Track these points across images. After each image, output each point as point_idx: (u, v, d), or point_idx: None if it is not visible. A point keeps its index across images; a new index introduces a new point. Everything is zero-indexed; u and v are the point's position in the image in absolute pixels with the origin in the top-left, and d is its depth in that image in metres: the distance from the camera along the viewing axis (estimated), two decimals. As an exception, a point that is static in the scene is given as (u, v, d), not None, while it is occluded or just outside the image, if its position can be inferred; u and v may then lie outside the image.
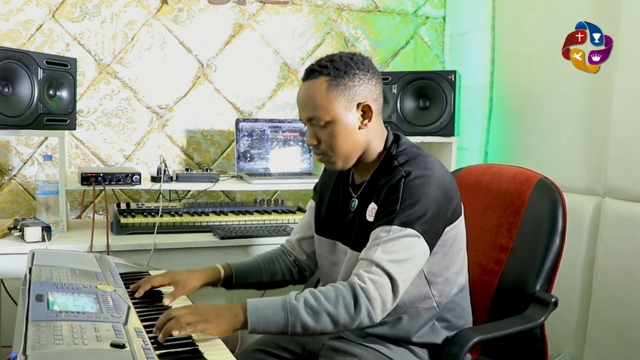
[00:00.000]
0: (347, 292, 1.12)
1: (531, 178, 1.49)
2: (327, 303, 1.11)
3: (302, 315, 1.10)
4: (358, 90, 1.25)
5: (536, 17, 2.33)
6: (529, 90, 2.36)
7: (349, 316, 1.11)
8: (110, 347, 0.88)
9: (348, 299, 1.11)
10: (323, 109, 1.24)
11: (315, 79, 1.25)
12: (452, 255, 1.28)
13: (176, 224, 2.06)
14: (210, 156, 2.57)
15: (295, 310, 1.10)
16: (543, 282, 1.39)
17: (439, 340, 1.30)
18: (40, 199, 2.06)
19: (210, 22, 2.51)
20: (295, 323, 1.10)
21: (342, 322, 1.11)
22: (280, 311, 1.10)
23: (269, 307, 1.11)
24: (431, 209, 1.18)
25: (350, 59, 1.26)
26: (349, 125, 1.25)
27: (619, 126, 1.93)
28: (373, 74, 1.28)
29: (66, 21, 2.33)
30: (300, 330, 1.11)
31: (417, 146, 1.32)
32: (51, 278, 1.19)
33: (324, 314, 1.10)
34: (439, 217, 1.21)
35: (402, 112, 2.40)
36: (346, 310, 1.11)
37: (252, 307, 1.11)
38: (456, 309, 1.33)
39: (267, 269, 1.49)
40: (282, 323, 1.10)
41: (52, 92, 1.96)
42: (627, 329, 1.88)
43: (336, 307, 1.11)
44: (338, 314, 1.10)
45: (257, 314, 1.10)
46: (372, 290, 1.11)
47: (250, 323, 1.09)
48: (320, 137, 1.27)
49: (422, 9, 2.82)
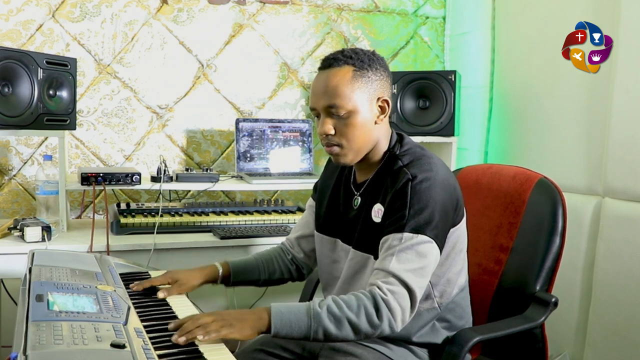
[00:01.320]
0: (369, 303, 1.12)
1: (531, 178, 1.49)
2: (349, 312, 1.11)
3: (325, 322, 1.11)
4: (379, 84, 1.26)
5: (536, 17, 2.33)
6: (529, 90, 2.36)
7: (370, 326, 1.12)
8: (110, 347, 0.88)
9: (370, 309, 1.12)
10: (346, 98, 1.22)
11: (340, 67, 1.24)
12: (454, 257, 1.28)
13: (176, 224, 2.06)
14: (210, 156, 2.57)
15: (318, 317, 1.11)
16: (543, 282, 1.39)
17: (439, 340, 1.31)
18: (40, 199, 2.06)
19: (210, 22, 2.51)
20: (318, 329, 1.11)
21: (364, 331, 1.12)
22: (304, 317, 1.11)
23: (293, 312, 1.12)
24: (438, 212, 1.18)
25: (372, 54, 1.28)
26: (368, 117, 1.25)
27: (619, 126, 1.94)
28: (389, 73, 1.31)
29: (66, 21, 2.33)
30: (322, 336, 1.12)
31: (421, 146, 1.32)
32: (51, 278, 1.19)
33: (346, 322, 1.11)
34: (446, 219, 1.22)
35: (402, 112, 2.40)
36: (368, 320, 1.11)
37: (276, 312, 1.11)
38: (457, 309, 1.33)
39: (266, 267, 1.50)
40: (304, 329, 1.11)
41: (52, 92, 1.96)
42: (627, 329, 1.88)
43: (358, 316, 1.11)
44: (360, 323, 1.11)
45: (281, 318, 1.11)
46: (392, 302, 1.12)
47: (274, 327, 1.10)
48: (337, 127, 1.25)
49: (422, 9, 2.82)
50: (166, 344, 1.05)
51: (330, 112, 1.25)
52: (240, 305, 2.53)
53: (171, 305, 1.31)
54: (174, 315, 1.24)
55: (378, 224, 1.25)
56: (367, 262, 1.28)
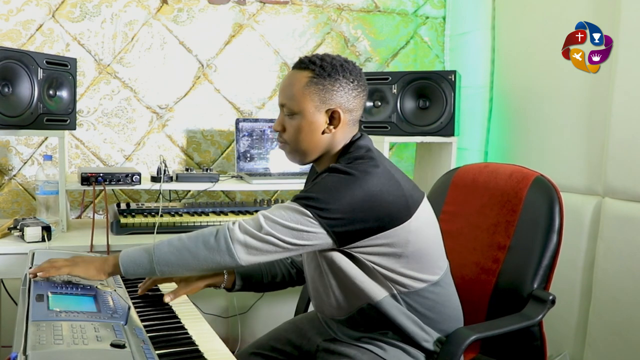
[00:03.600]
0: (209, 231, 1.19)
1: (528, 176, 1.50)
2: (187, 240, 1.18)
3: (164, 253, 1.18)
4: (335, 95, 1.26)
5: (536, 17, 2.33)
6: (529, 90, 2.36)
7: (207, 249, 1.16)
8: (111, 347, 0.88)
9: (207, 235, 1.17)
10: (295, 100, 1.27)
11: (301, 70, 1.28)
12: (408, 255, 1.24)
13: (176, 224, 2.06)
14: (210, 156, 2.57)
15: (158, 250, 1.18)
16: (540, 280, 1.40)
17: (431, 340, 1.29)
18: (40, 199, 2.06)
19: (210, 22, 2.51)
20: (160, 261, 1.17)
21: (202, 256, 1.16)
22: (146, 253, 1.19)
23: (137, 250, 1.20)
24: (339, 201, 1.16)
25: (340, 65, 1.27)
26: (314, 124, 1.27)
27: (619, 126, 1.93)
28: (357, 85, 1.28)
29: (66, 21, 2.33)
30: (166, 268, 1.18)
31: (374, 155, 1.27)
32: (51, 278, 1.19)
33: (184, 251, 1.17)
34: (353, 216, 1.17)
35: (402, 112, 2.40)
36: (204, 244, 1.16)
37: (124, 253, 1.21)
38: (425, 302, 1.28)
39: (268, 271, 1.50)
40: (147, 264, 1.18)
41: (52, 92, 1.96)
42: (627, 329, 1.88)
43: (196, 243, 1.17)
44: (197, 249, 1.17)
45: (127, 257, 1.20)
46: (235, 230, 1.16)
47: (121, 265, 1.19)
48: (286, 126, 1.30)
49: (422, 9, 2.82)
50: (166, 344, 1.05)
51: (283, 110, 1.31)
52: (240, 306, 2.53)
53: (171, 305, 1.31)
54: (174, 315, 1.24)
55: None
56: (315, 258, 1.30)
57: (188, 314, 1.29)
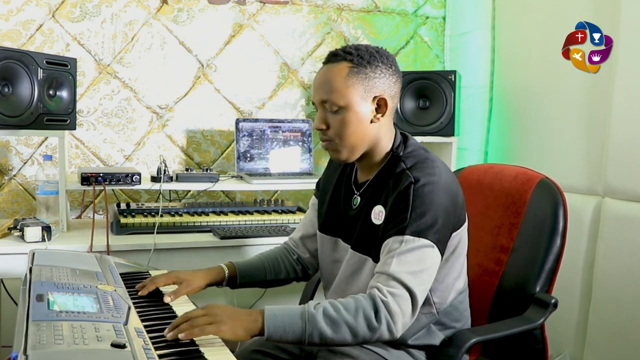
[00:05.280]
0: (367, 305, 1.09)
1: (532, 178, 1.49)
2: (346, 314, 1.08)
3: (320, 325, 1.07)
4: (377, 82, 1.24)
5: (536, 17, 2.33)
6: (529, 90, 2.36)
7: (369, 329, 1.08)
8: (111, 347, 0.88)
9: (369, 311, 1.08)
10: (339, 94, 1.22)
11: (337, 63, 1.24)
12: (453, 261, 1.27)
13: (176, 224, 2.06)
14: (210, 156, 2.57)
15: (313, 320, 1.07)
16: (543, 283, 1.39)
17: (436, 342, 1.30)
18: (40, 199, 2.06)
19: (210, 22, 2.51)
20: (313, 332, 1.07)
21: (362, 334, 1.08)
22: (298, 320, 1.07)
23: (287, 315, 1.08)
24: (441, 216, 1.17)
25: (376, 51, 1.27)
26: (361, 115, 1.23)
27: (619, 126, 1.94)
28: (395, 71, 1.28)
29: (66, 21, 2.33)
30: (318, 340, 1.08)
31: (425, 148, 1.30)
32: (51, 278, 1.19)
33: (343, 325, 1.08)
34: (448, 224, 1.20)
35: (402, 112, 2.40)
36: (366, 322, 1.08)
37: (270, 315, 1.08)
38: (453, 312, 1.32)
39: (272, 267, 1.48)
40: (299, 332, 1.07)
41: (52, 92, 1.96)
42: (627, 329, 1.88)
43: (356, 319, 1.08)
44: (357, 325, 1.08)
45: (275, 321, 1.07)
46: (392, 304, 1.09)
47: (267, 330, 1.07)
48: (330, 123, 1.25)
49: (422, 9, 2.82)
50: (166, 344, 1.05)
51: (325, 107, 1.25)
52: (240, 304, 2.53)
53: (171, 305, 1.31)
54: (175, 315, 1.24)
55: (377, 226, 1.24)
56: (365, 263, 1.26)
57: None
